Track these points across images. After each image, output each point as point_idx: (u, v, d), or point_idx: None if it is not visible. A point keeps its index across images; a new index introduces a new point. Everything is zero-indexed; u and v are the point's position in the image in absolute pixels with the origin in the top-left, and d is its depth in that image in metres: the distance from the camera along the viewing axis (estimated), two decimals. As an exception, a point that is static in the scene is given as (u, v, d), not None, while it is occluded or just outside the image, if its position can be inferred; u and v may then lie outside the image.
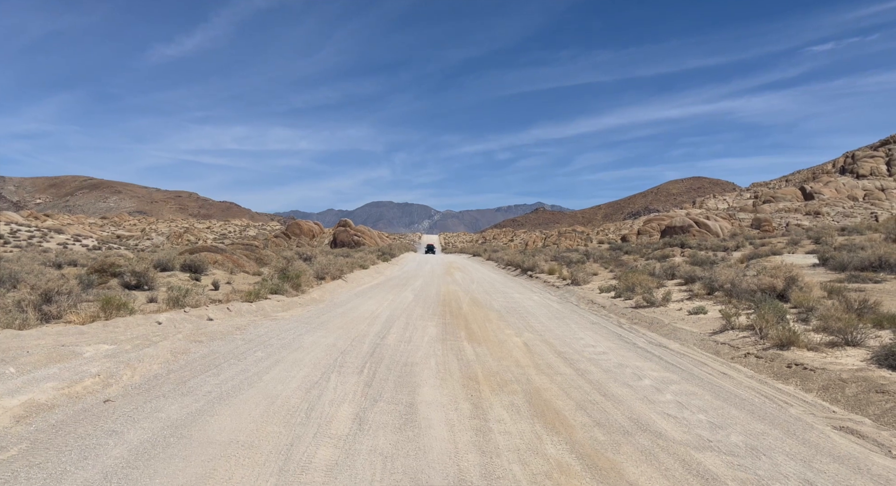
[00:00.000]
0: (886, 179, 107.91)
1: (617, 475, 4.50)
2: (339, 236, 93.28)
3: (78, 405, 5.34)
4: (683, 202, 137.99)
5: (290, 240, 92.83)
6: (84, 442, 4.54)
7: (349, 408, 5.72)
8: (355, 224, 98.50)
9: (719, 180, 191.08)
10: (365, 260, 27.71)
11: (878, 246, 18.63)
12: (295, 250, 32.39)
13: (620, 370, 8.04)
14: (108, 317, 9.98)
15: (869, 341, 8.10)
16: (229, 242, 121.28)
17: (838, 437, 5.50)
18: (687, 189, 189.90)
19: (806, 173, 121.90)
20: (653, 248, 28.86)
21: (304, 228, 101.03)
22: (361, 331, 10.45)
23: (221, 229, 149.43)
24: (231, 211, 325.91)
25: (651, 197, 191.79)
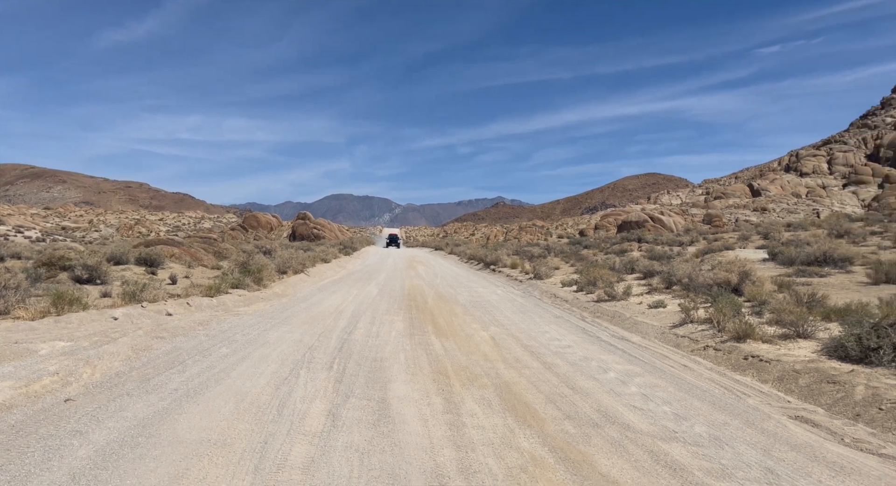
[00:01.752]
0: (827, 178, 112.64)
1: (589, 466, 4.60)
2: (299, 229, 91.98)
3: (37, 405, 5.14)
4: (639, 198, 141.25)
5: (247, 233, 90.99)
6: (47, 443, 4.38)
7: (321, 404, 5.67)
8: (315, 217, 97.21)
9: (673, 177, 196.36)
10: (327, 254, 27.40)
11: (823, 242, 19.49)
12: (254, 244, 31.78)
13: (586, 363, 8.20)
14: (59, 313, 9.61)
15: (819, 333, 8.49)
16: (184, 234, 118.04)
17: (794, 426, 5.75)
18: (642, 185, 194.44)
19: (754, 171, 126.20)
20: (611, 242, 29.46)
21: (262, 220, 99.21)
22: (327, 326, 10.36)
23: (175, 221, 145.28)
24: (185, 203, 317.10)
25: (608, 192, 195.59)
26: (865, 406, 5.93)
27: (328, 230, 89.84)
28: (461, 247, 45.33)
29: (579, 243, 32.26)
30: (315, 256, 23.88)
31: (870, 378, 6.42)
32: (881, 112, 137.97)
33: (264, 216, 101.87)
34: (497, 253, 26.82)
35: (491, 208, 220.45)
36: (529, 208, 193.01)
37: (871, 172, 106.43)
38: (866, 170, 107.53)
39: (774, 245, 23.15)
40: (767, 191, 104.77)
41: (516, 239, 73.73)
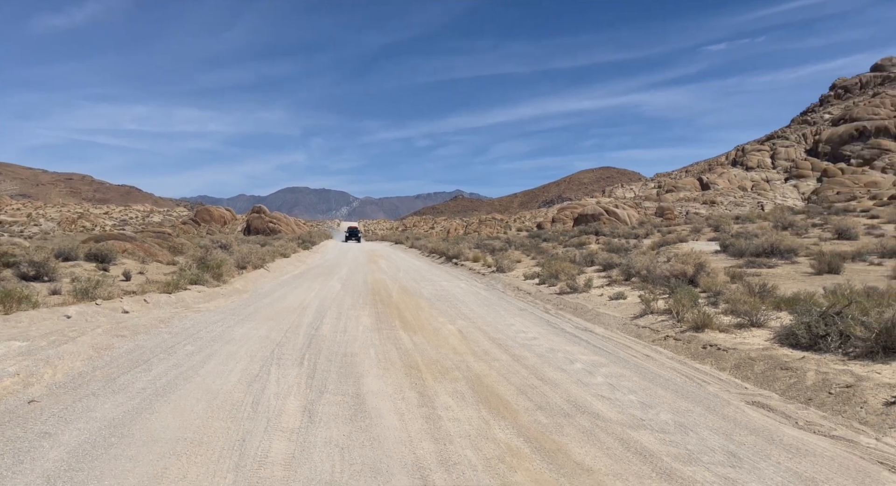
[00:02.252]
0: (770, 172, 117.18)
1: (564, 455, 4.75)
2: (254, 223, 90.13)
3: (0, 407, 4.96)
4: (594, 191, 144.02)
5: (199, 227, 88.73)
6: (15, 445, 4.24)
7: (296, 401, 5.66)
8: (270, 211, 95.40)
9: (626, 170, 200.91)
10: (286, 248, 27.02)
11: (770, 234, 20.35)
12: (209, 238, 31.02)
13: (553, 355, 8.40)
14: (7, 311, 9.25)
15: (771, 322, 8.91)
16: (131, 229, 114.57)
17: (752, 411, 6.05)
18: (597, 179, 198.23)
19: (703, 165, 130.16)
20: (569, 235, 30.03)
21: (215, 214, 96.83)
22: (293, 322, 10.27)
23: (122, 215, 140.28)
24: (131, 196, 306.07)
25: (564, 186, 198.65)
26: (816, 391, 6.29)
27: (284, 224, 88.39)
28: (422, 241, 45.36)
29: (538, 236, 32.73)
30: (274, 250, 23.52)
31: (819, 364, 6.80)
32: (820, 109, 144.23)
33: (217, 210, 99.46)
34: (459, 247, 26.98)
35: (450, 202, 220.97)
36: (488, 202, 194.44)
37: (810, 166, 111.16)
38: (806, 164, 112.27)
39: (725, 237, 24.04)
40: (716, 184, 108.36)
41: (476, 232, 74.18)
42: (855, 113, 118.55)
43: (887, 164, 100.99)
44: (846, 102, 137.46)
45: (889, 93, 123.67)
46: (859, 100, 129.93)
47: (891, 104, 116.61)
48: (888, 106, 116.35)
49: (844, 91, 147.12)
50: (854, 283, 12.10)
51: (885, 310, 6.98)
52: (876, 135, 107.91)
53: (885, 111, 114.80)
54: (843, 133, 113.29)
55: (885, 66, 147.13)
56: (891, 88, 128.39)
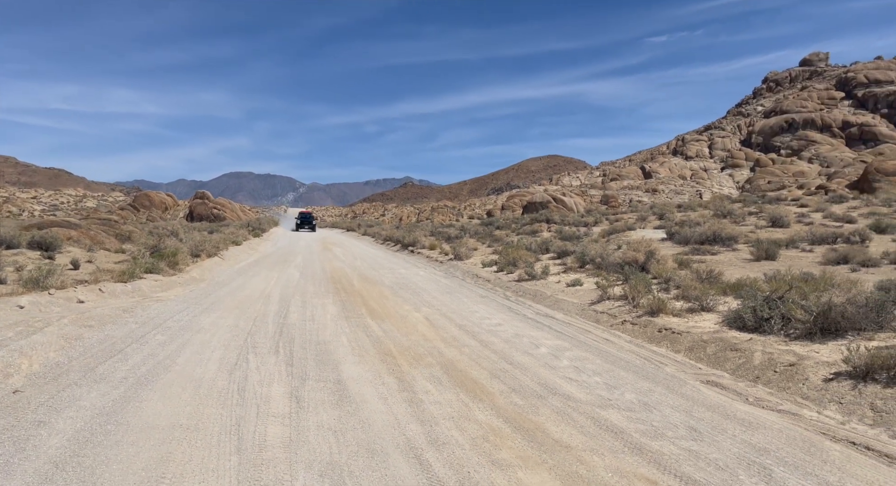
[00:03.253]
0: (708, 161, 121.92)
1: (543, 434, 5.07)
2: (197, 209, 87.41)
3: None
4: (542, 179, 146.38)
5: (138, 213, 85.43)
6: (12, 434, 4.25)
7: (280, 388, 5.78)
8: (213, 196, 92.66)
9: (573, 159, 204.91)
10: (237, 236, 26.52)
11: (713, 223, 21.43)
12: (153, 225, 30.08)
13: (518, 340, 8.75)
14: (-46, 302, 8.92)
15: (719, 306, 9.54)
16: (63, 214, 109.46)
17: (706, 389, 6.55)
18: (544, 167, 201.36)
19: (645, 154, 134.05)
20: (521, 223, 30.65)
21: (155, 199, 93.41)
22: (259, 311, 10.26)
23: (52, 200, 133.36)
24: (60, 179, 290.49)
25: (512, 174, 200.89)
26: (763, 370, 6.86)
27: (229, 210, 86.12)
28: (374, 228, 45.22)
29: (491, 224, 33.24)
30: (225, 238, 23.08)
31: (765, 345, 7.39)
32: (753, 101, 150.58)
33: (157, 195, 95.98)
34: (415, 234, 27.14)
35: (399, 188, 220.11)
36: (438, 189, 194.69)
37: (744, 156, 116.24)
38: (741, 154, 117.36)
39: (670, 225, 25.12)
40: (657, 173, 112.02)
41: (429, 220, 74.40)
42: (785, 106, 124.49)
43: (813, 154, 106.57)
44: (777, 94, 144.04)
45: (816, 87, 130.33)
46: (789, 93, 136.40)
47: (817, 98, 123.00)
48: (815, 99, 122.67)
49: (776, 84, 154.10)
50: (790, 269, 13.00)
51: (821, 294, 7.64)
52: (804, 127, 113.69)
53: (812, 104, 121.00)
54: (774, 125, 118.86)
55: (813, 60, 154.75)
56: (818, 83, 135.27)
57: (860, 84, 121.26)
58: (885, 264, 13.98)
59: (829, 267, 13.61)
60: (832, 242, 18.37)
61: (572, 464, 4.46)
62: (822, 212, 29.12)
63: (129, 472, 3.82)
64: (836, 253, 15.23)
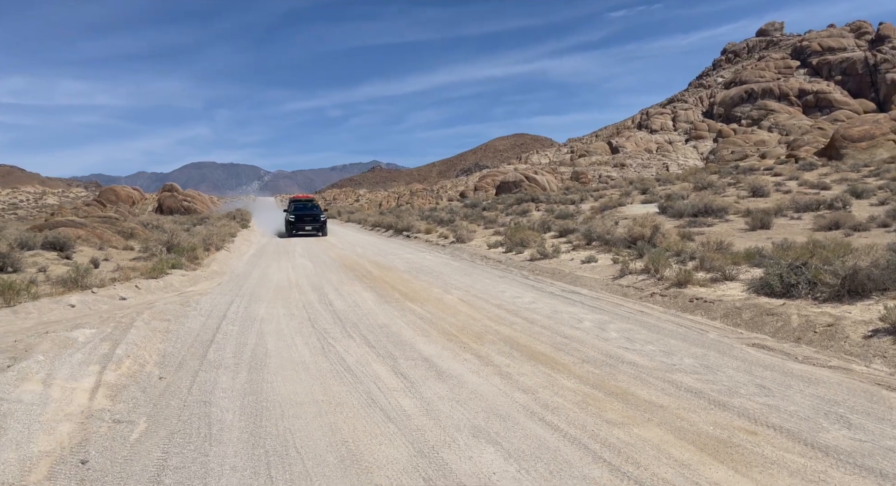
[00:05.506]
0: (672, 134, 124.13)
1: (633, 397, 5.56)
2: (166, 202, 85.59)
3: (141, 384, 5.40)
4: (510, 158, 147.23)
5: (105, 208, 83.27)
6: (193, 411, 4.80)
7: (380, 367, 6.18)
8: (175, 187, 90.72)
9: (540, 137, 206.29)
10: (229, 228, 26.42)
11: (703, 195, 22.26)
12: (139, 220, 29.66)
13: (559, 316, 9.23)
14: (8, 303, 9.05)
15: (741, 275, 10.18)
16: (24, 212, 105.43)
17: (755, 351, 7.13)
18: (512, 146, 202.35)
19: (612, 129, 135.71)
20: (508, 204, 31.17)
21: (122, 194, 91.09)
22: (301, 300, 10.53)
23: (10, 198, 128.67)
24: (13, 176, 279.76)
25: (480, 154, 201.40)
26: (803, 331, 7.48)
27: (200, 202, 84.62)
28: (356, 214, 45.21)
29: (476, 206, 33.66)
30: (221, 231, 23.02)
31: (799, 309, 8.03)
32: (713, 73, 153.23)
33: (124, 189, 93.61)
34: (409, 219, 27.42)
35: (368, 173, 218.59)
36: (406, 172, 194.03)
37: (707, 127, 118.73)
38: (703, 126, 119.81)
39: (655, 199, 25.92)
40: (624, 148, 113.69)
41: (408, 204, 74.47)
42: (744, 76, 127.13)
43: (773, 123, 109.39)
44: (736, 65, 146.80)
45: (773, 56, 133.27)
46: (747, 63, 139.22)
47: (774, 67, 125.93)
48: (772, 69, 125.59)
49: (734, 55, 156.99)
50: (786, 236, 13.78)
51: (844, 259, 8.30)
52: (762, 96, 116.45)
53: (769, 74, 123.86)
54: (734, 95, 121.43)
55: (769, 30, 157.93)
56: (774, 52, 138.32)
57: (815, 52, 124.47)
58: (875, 228, 14.89)
59: (822, 233, 14.44)
60: (816, 208, 19.35)
61: (674, 420, 4.95)
62: (796, 180, 30.32)
63: (316, 438, 4.34)
64: (826, 219, 16.11)
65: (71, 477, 3.47)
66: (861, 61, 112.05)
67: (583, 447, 4.31)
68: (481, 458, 4.04)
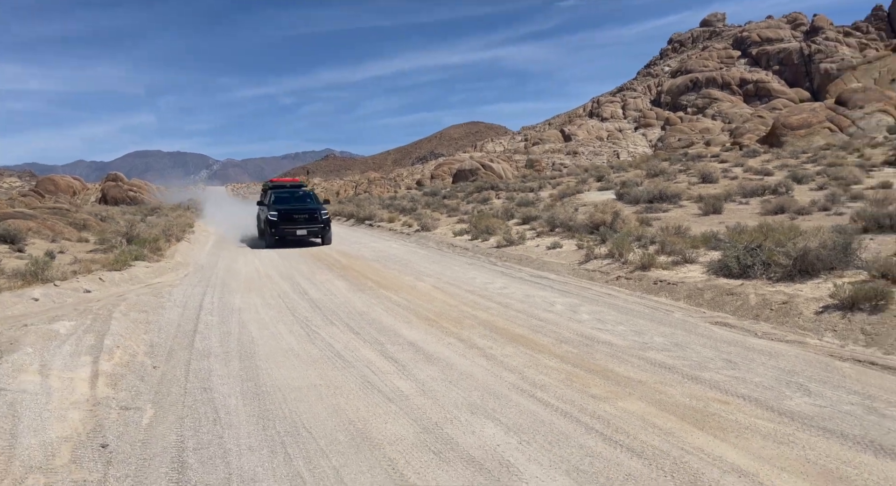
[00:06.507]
0: (622, 122, 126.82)
1: (613, 373, 5.91)
2: (111, 193, 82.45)
3: (137, 373, 5.56)
4: (465, 146, 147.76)
5: (43, 199, 79.59)
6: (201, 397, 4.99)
7: (369, 351, 6.36)
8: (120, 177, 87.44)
9: (494, 125, 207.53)
10: (184, 218, 25.81)
11: (658, 182, 23.06)
12: (87, 211, 28.62)
13: (531, 300, 9.56)
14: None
15: (700, 258, 10.73)
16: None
17: (718, 329, 7.61)
18: (467, 134, 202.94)
19: (564, 117, 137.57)
20: (468, 191, 31.49)
21: (61, 184, 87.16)
22: (275, 290, 10.54)
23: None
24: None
25: (436, 142, 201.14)
26: (760, 309, 8.02)
27: (146, 192, 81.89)
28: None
29: (437, 194, 33.85)
30: (180, 221, 22.50)
31: (755, 288, 8.57)
32: (660, 62, 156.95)
33: (63, 179, 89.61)
34: (370, 208, 27.38)
35: (321, 161, 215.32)
36: (361, 160, 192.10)
37: (655, 115, 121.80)
38: (652, 114, 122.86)
39: (612, 186, 26.67)
40: (576, 136, 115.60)
41: (366, 192, 73.91)
42: (689, 65, 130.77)
43: (716, 111, 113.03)
44: (681, 55, 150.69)
45: (716, 46, 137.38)
46: (692, 53, 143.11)
47: (717, 57, 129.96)
48: (715, 59, 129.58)
49: (680, 45, 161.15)
50: (738, 220, 14.52)
51: (796, 241, 8.89)
52: (706, 85, 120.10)
53: (712, 64, 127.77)
54: (680, 84, 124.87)
55: (712, 21, 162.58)
56: (717, 42, 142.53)
57: (754, 43, 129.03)
58: (816, 212, 15.83)
59: (770, 217, 15.26)
60: (762, 194, 20.34)
61: (653, 394, 5.31)
62: (741, 166, 31.64)
63: (323, 419, 4.52)
64: (772, 204, 17.02)
65: (97, 460, 3.54)
66: (797, 52, 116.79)
67: (575, 420, 4.60)
68: (483, 432, 4.28)
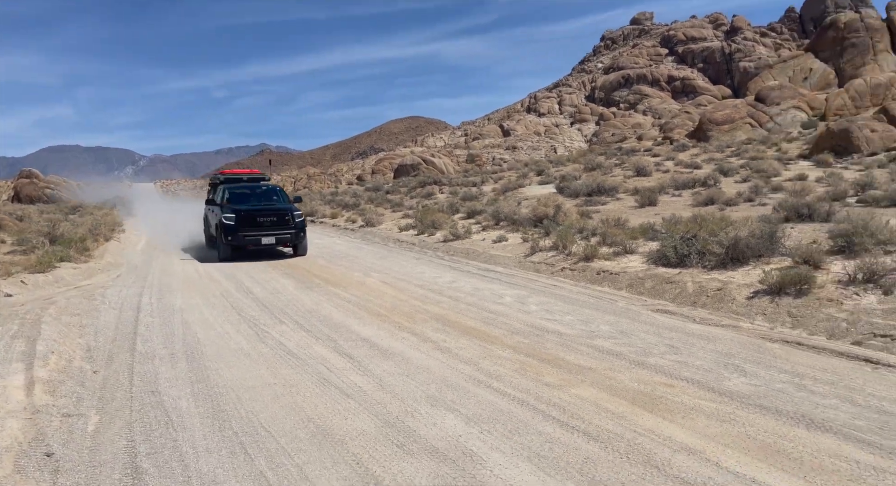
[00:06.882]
0: (559, 117, 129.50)
1: (564, 361, 6.08)
2: (25, 190, 77.46)
3: (77, 378, 5.31)
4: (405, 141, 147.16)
5: (-49, 198, 74.15)
6: (143, 401, 4.56)
7: (322, 348, 6.30)
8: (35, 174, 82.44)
9: (434, 120, 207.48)
10: (114, 216, 24.63)
11: (591, 175, 23.74)
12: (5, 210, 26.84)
13: (481, 293, 9.69)
14: None
15: (639, 248, 11.14)
16: None
17: (659, 316, 7.95)
18: (407, 128, 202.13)
19: (503, 112, 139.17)
20: (411, 186, 31.45)
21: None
22: (217, 290, 10.24)
23: None
24: None
25: (375, 136, 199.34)
26: (697, 296, 8.43)
27: (66, 190, 77.49)
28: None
29: (379, 189, 33.64)
30: (108, 219, 21.44)
31: (692, 276, 9.00)
32: (594, 58, 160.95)
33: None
34: (312, 204, 26.91)
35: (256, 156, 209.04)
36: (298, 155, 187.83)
37: (590, 111, 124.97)
38: (587, 110, 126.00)
39: (552, 180, 27.26)
40: (515, 131, 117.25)
41: (306, 188, 72.45)
42: (620, 62, 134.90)
43: (647, 107, 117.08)
44: (613, 52, 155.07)
45: (645, 44, 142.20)
46: (623, 50, 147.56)
47: (647, 54, 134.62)
48: (645, 56, 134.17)
49: (612, 42, 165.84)
50: (673, 212, 15.15)
51: (727, 231, 9.39)
52: (637, 82, 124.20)
53: (642, 61, 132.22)
54: (613, 80, 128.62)
55: (641, 19, 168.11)
56: (646, 40, 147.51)
57: (680, 41, 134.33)
58: (742, 202, 16.72)
59: (701, 208, 16.00)
60: (692, 186, 21.30)
61: (603, 380, 5.51)
62: (672, 160, 32.99)
63: (281, 417, 4.43)
64: (702, 196, 17.86)
65: (43, 469, 3.36)
66: (719, 51, 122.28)
67: (532, 408, 4.73)
68: (444, 423, 4.34)
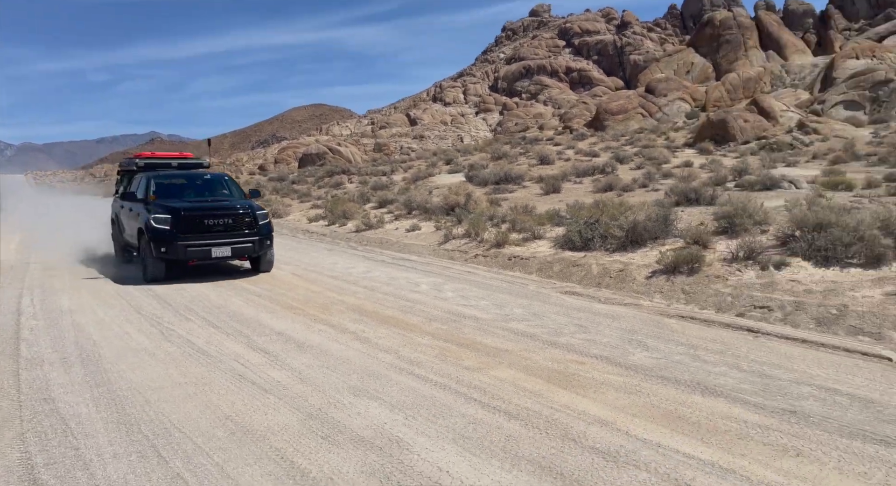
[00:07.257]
0: (464, 107, 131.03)
1: (482, 345, 6.25)
2: None
3: None
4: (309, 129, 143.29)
5: None
6: (35, 410, 4.14)
7: (235, 344, 6.09)
8: None
9: (339, 108, 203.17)
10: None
11: (501, 164, 24.29)
12: None
13: (397, 282, 9.72)
14: None
15: (547, 234, 11.58)
16: None
17: (568, 298, 8.34)
18: (310, 116, 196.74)
19: (409, 101, 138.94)
20: (318, 176, 30.76)
21: None
22: (112, 290, 9.60)
23: None
24: None
25: (277, 124, 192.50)
26: (601, 277, 8.90)
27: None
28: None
29: (284, 179, 32.66)
30: (-20, 216, 19.39)
31: (596, 259, 9.49)
32: (496, 49, 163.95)
33: None
34: (213, 195, 25.64)
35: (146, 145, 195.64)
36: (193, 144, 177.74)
37: (494, 101, 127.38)
38: (490, 99, 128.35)
39: (460, 169, 27.62)
40: (422, 120, 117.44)
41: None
42: (521, 53, 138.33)
43: (547, 97, 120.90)
44: (515, 43, 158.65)
45: (544, 36, 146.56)
46: (524, 41, 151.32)
47: (546, 46, 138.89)
48: (544, 47, 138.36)
49: (513, 33, 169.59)
50: (576, 198, 15.84)
51: (627, 215, 9.97)
52: (538, 73, 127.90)
53: (542, 52, 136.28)
54: (515, 71, 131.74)
55: (539, 11, 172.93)
56: (545, 32, 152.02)
57: (576, 34, 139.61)
58: (637, 188, 17.75)
59: (601, 194, 16.84)
60: (592, 173, 22.33)
61: (519, 361, 5.73)
62: (572, 148, 34.35)
63: (196, 417, 4.26)
64: (601, 182, 18.79)
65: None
66: (611, 44, 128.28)
67: (454, 392, 4.83)
68: (368, 412, 4.35)
